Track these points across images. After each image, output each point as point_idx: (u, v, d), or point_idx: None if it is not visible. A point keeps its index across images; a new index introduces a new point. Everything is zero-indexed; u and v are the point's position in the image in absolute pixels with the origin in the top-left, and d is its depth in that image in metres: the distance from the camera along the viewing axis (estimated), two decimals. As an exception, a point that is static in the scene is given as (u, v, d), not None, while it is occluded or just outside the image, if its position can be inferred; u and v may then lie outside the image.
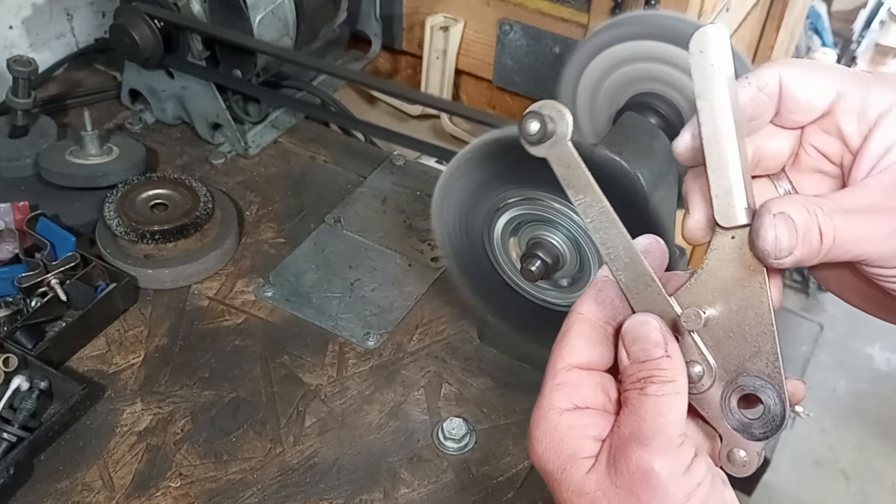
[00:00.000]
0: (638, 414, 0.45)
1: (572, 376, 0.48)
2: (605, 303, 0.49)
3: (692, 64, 0.44)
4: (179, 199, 1.06)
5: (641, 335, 0.46)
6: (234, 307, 1.01)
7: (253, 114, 1.25)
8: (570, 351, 0.48)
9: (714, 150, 0.45)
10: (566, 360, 0.48)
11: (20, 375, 0.87)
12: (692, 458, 0.45)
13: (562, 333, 0.49)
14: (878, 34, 3.07)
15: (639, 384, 0.46)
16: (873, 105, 0.46)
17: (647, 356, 0.46)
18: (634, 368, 0.46)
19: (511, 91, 1.37)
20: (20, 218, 1.03)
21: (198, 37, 1.14)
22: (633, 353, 0.46)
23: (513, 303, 0.85)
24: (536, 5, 1.27)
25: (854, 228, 0.44)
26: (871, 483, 2.30)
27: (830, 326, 2.60)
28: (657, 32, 0.79)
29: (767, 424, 0.47)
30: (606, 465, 0.46)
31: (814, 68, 0.48)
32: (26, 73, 1.12)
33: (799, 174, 0.50)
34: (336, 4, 1.27)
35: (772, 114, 0.48)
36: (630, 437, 0.45)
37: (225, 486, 0.84)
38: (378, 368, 0.95)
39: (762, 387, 0.47)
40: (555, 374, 0.48)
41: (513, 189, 0.76)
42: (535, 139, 0.46)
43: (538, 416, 0.49)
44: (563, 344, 0.49)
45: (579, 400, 0.48)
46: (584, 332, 0.49)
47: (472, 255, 0.84)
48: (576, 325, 0.49)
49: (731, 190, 0.45)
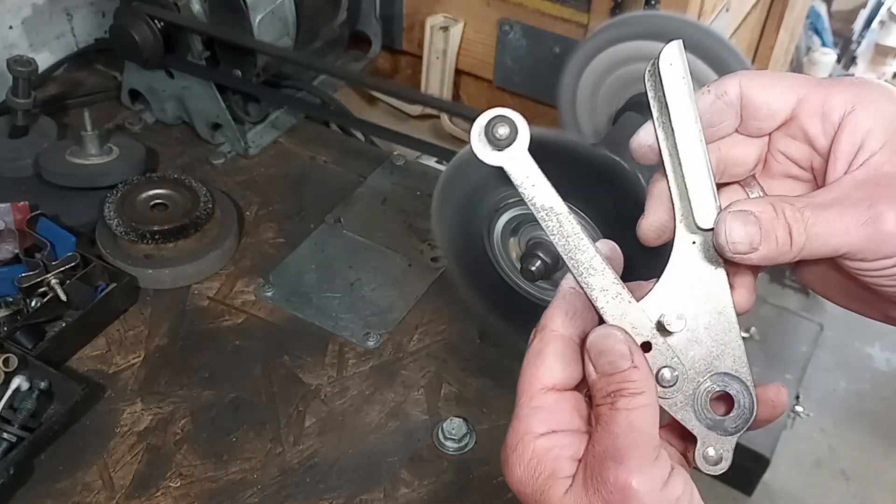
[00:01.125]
0: (611, 431, 0.44)
1: (549, 399, 0.48)
2: (575, 316, 0.49)
3: (663, 76, 0.46)
4: (179, 199, 1.06)
5: (607, 348, 0.46)
6: (235, 307, 1.01)
7: (253, 114, 1.25)
8: (546, 372, 0.48)
9: (689, 155, 0.46)
10: (543, 381, 0.48)
11: (20, 375, 0.87)
12: (669, 471, 0.45)
13: (536, 352, 0.48)
14: (878, 34, 3.07)
15: (609, 398, 0.45)
16: (835, 106, 0.47)
17: (614, 368, 0.45)
18: (603, 382, 0.46)
19: (511, 91, 1.37)
20: (20, 218, 1.03)
21: (198, 37, 1.14)
22: (599, 366, 0.46)
23: (513, 303, 0.85)
24: (536, 5, 1.27)
25: (827, 220, 0.44)
26: (871, 483, 2.30)
27: (830, 326, 2.60)
28: (657, 32, 0.79)
29: (739, 418, 0.48)
30: (583, 485, 0.45)
31: (774, 76, 0.49)
32: (26, 73, 1.12)
33: (770, 181, 0.51)
34: (336, 4, 1.27)
35: (734, 122, 0.49)
36: (605, 455, 0.44)
37: (225, 486, 0.84)
38: (378, 368, 0.95)
39: (730, 382, 0.48)
40: (531, 395, 0.48)
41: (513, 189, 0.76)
42: (504, 144, 0.47)
43: (514, 440, 0.48)
44: (538, 364, 0.48)
45: (556, 424, 0.47)
46: (559, 352, 0.48)
47: (472, 255, 0.84)
48: (551, 345, 0.48)
49: (709, 192, 0.46)
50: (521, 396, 0.48)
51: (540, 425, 0.47)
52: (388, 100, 1.49)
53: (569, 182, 0.72)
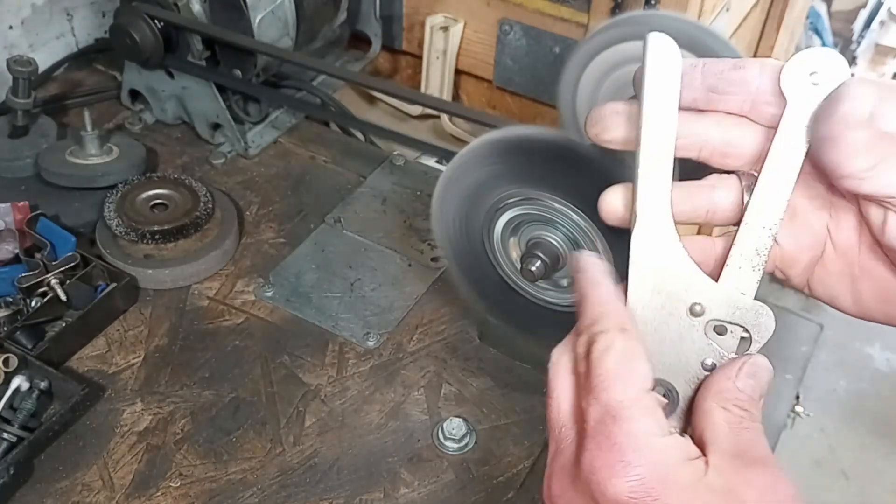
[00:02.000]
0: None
1: (653, 400, 0.47)
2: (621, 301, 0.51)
3: (649, 62, 0.48)
4: (179, 199, 1.06)
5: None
6: (234, 307, 1.01)
7: (253, 114, 1.25)
8: (647, 372, 0.48)
9: (649, 138, 0.48)
10: (645, 382, 0.47)
11: (20, 375, 0.87)
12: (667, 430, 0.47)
13: (629, 354, 0.48)
14: (878, 34, 3.07)
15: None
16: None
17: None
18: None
19: (511, 91, 1.37)
20: (20, 218, 1.03)
21: (198, 37, 1.14)
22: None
23: (513, 303, 0.85)
24: (536, 5, 1.27)
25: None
26: (871, 483, 2.30)
27: (830, 326, 2.60)
28: (657, 32, 0.79)
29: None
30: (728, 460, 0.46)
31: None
32: (26, 73, 1.12)
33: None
34: (336, 4, 1.27)
35: (742, 98, 0.49)
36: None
37: (225, 486, 0.84)
38: (378, 368, 0.95)
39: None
40: (638, 398, 0.47)
41: (513, 189, 0.76)
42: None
43: (627, 442, 0.45)
44: (636, 365, 0.48)
45: (666, 425, 0.47)
46: (645, 353, 0.48)
47: (472, 255, 0.84)
48: (640, 345, 0.48)
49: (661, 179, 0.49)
50: (620, 398, 0.46)
51: (657, 427, 0.46)
52: (388, 100, 1.49)
53: (568, 182, 0.72)
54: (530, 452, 0.88)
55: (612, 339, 0.48)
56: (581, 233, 0.75)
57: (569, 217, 0.74)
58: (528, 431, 0.90)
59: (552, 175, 0.72)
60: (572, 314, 0.81)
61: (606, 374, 0.47)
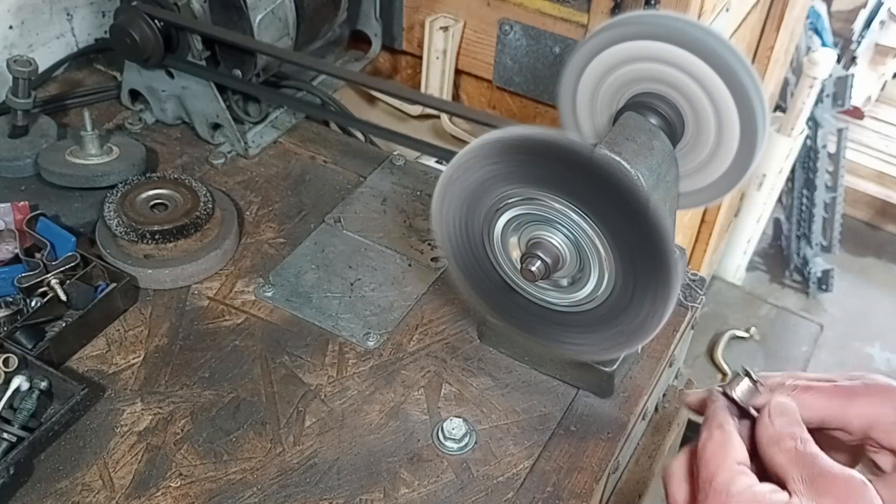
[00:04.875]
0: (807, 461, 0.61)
1: (743, 467, 0.63)
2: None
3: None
4: (179, 199, 1.06)
5: (790, 410, 0.65)
6: (234, 307, 1.01)
7: (253, 114, 1.25)
8: (740, 451, 0.64)
9: None
10: (738, 458, 0.63)
11: (20, 375, 0.87)
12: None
13: (723, 440, 0.64)
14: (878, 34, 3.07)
15: (798, 441, 0.62)
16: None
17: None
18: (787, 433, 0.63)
19: (511, 91, 1.38)
20: (20, 218, 1.03)
21: (198, 37, 1.14)
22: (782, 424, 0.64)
23: (513, 303, 0.85)
24: (536, 5, 1.27)
25: None
26: (871, 483, 2.29)
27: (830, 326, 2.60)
28: (657, 32, 0.79)
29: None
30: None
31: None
32: (26, 73, 1.12)
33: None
34: (336, 4, 1.27)
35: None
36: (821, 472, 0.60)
37: (225, 486, 0.84)
38: (378, 368, 0.95)
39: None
40: (730, 467, 0.62)
41: (513, 189, 0.76)
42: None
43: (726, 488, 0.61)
44: (731, 445, 0.64)
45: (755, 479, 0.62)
46: (738, 439, 0.65)
47: (472, 255, 0.84)
48: (734, 432, 0.65)
49: None
50: (716, 469, 0.62)
51: (745, 479, 0.61)
52: (388, 100, 1.49)
53: (569, 182, 0.72)
54: (530, 452, 0.88)
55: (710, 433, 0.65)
56: (581, 233, 0.75)
57: (569, 217, 0.74)
58: (528, 431, 0.90)
59: (552, 175, 0.72)
60: (572, 314, 0.81)
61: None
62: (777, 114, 2.59)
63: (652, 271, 0.71)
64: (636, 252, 0.72)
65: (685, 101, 0.81)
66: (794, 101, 2.45)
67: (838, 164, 2.80)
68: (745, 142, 0.81)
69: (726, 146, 0.82)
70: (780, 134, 2.50)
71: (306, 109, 1.27)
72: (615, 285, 0.75)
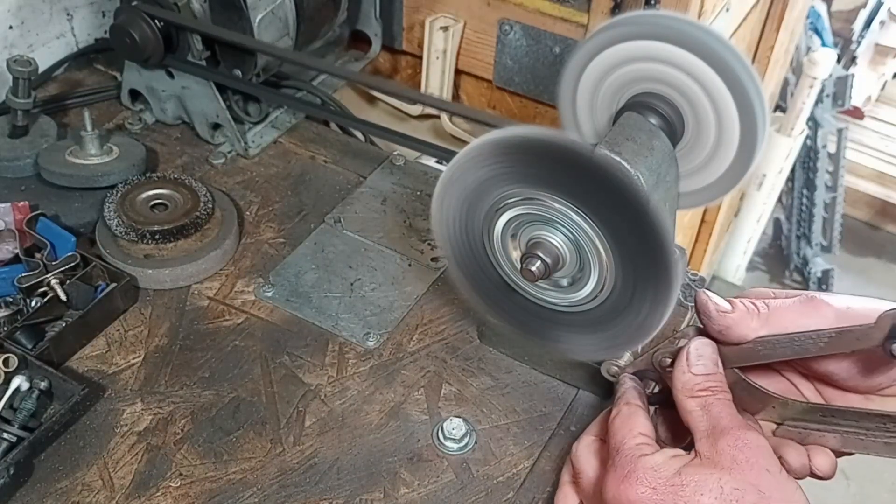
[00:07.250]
0: (713, 412, 0.65)
1: (645, 438, 0.68)
2: (641, 397, 0.74)
3: None
4: (179, 199, 1.06)
5: (706, 354, 0.69)
6: (234, 307, 1.01)
7: (253, 114, 1.25)
8: (641, 422, 0.69)
9: None
10: (640, 429, 0.69)
11: (20, 375, 0.87)
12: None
13: (627, 414, 0.70)
14: (878, 34, 3.07)
15: (707, 391, 0.66)
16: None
17: (710, 370, 0.68)
18: (701, 378, 0.67)
19: (511, 91, 1.38)
20: (20, 218, 1.03)
21: (198, 36, 1.14)
22: (698, 366, 0.68)
23: (513, 303, 0.85)
24: (536, 5, 1.27)
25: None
26: (871, 483, 2.30)
27: (830, 326, 2.59)
28: (657, 32, 0.79)
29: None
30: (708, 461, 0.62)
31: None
32: (26, 73, 1.12)
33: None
34: (336, 4, 1.27)
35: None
36: (715, 428, 0.64)
37: (225, 486, 0.84)
38: (378, 368, 0.95)
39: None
40: (634, 435, 0.68)
41: (513, 189, 0.76)
42: None
43: (626, 461, 0.65)
44: (636, 419, 0.69)
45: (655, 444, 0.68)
46: (644, 414, 0.71)
47: (472, 255, 0.84)
48: (640, 409, 0.72)
49: None
50: (622, 440, 0.66)
51: (647, 448, 0.65)
52: (388, 100, 1.49)
53: (569, 182, 0.72)
54: (530, 452, 0.88)
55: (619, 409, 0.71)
56: (581, 233, 0.75)
57: (569, 217, 0.74)
58: (528, 431, 0.90)
59: (552, 175, 0.72)
60: (572, 314, 0.81)
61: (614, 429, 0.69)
62: (777, 114, 2.59)
63: (652, 271, 0.71)
64: (636, 252, 0.72)
65: (685, 101, 0.81)
66: (794, 101, 2.45)
67: (838, 164, 2.80)
68: (745, 142, 0.81)
69: (726, 146, 0.82)
70: (780, 134, 2.50)
71: (306, 109, 1.27)
72: (615, 285, 0.75)
